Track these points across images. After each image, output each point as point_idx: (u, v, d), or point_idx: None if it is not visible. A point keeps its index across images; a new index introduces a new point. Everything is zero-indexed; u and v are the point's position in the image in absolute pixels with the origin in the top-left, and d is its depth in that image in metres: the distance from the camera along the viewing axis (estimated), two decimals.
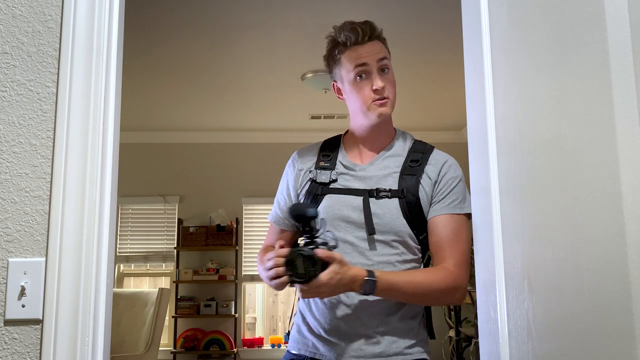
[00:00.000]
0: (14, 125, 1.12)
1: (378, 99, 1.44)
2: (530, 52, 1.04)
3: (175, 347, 5.61)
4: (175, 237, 5.84)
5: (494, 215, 1.17)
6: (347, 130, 1.59)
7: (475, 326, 4.54)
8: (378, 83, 1.43)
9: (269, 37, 3.64)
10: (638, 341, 0.75)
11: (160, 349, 4.78)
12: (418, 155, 1.49)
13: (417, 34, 3.63)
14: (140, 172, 5.94)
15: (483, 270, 1.22)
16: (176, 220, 5.92)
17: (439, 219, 1.44)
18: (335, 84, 1.55)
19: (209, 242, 5.72)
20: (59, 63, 1.14)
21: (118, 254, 5.91)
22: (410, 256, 1.45)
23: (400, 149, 1.52)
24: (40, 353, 1.06)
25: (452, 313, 5.12)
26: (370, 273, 1.31)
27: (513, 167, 1.11)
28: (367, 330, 1.39)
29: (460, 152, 5.73)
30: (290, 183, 1.56)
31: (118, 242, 5.96)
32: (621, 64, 0.81)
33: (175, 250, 5.84)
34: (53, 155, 1.11)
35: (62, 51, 1.13)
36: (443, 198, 1.45)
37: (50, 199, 1.10)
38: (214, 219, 5.86)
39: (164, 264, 6.02)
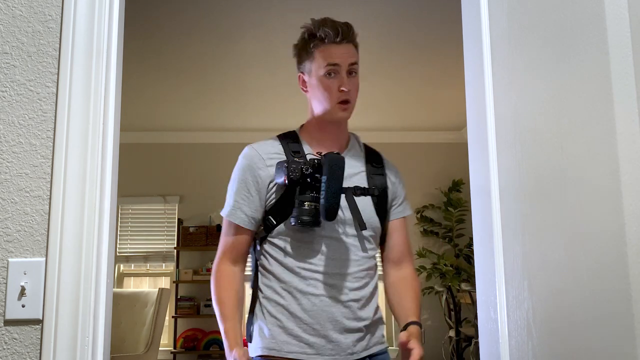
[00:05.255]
0: (14, 125, 1.12)
1: (342, 102, 1.47)
2: (530, 52, 1.04)
3: (175, 347, 5.61)
4: (175, 237, 5.84)
5: (494, 215, 1.17)
6: (302, 127, 1.59)
7: (475, 326, 4.54)
8: (346, 85, 1.46)
9: (269, 38, 3.64)
10: (638, 341, 0.75)
11: (160, 349, 4.77)
12: (376, 157, 1.60)
13: (417, 34, 3.63)
14: (140, 172, 5.94)
15: (483, 270, 1.22)
16: (176, 220, 5.92)
17: (401, 221, 1.60)
18: (301, 75, 1.55)
19: (209, 242, 5.72)
20: (59, 63, 1.14)
21: (118, 254, 5.91)
22: (377, 249, 1.57)
23: (358, 150, 1.59)
24: (40, 353, 1.06)
25: (452, 313, 5.13)
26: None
27: (513, 167, 1.11)
28: (359, 324, 1.44)
29: (460, 152, 5.75)
30: (261, 181, 1.48)
31: (118, 242, 5.96)
32: (621, 64, 0.81)
33: (175, 250, 5.84)
34: (53, 155, 1.11)
35: (62, 51, 1.13)
36: (402, 202, 1.60)
37: (50, 199, 1.10)
38: (214, 219, 5.86)
39: (164, 264, 6.02)
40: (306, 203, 1.39)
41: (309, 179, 1.40)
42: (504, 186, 1.15)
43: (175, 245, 5.81)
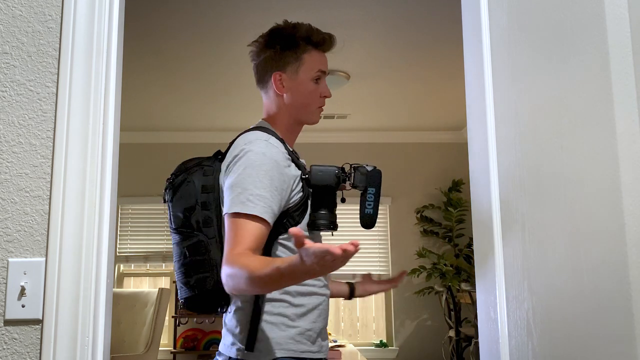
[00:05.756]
0: (14, 125, 1.12)
1: (321, 106, 1.56)
2: (530, 52, 1.04)
3: (175, 347, 5.61)
4: None
5: (494, 215, 1.17)
6: (274, 125, 1.54)
7: (475, 326, 4.54)
8: (330, 92, 1.55)
9: None
10: (638, 341, 0.75)
11: (160, 349, 4.77)
12: None
13: (416, 35, 3.63)
14: (140, 172, 5.94)
15: (483, 270, 1.22)
16: None
17: None
18: (281, 74, 1.51)
19: None
20: (59, 63, 1.14)
21: (118, 254, 5.91)
22: None
23: None
24: (40, 353, 1.06)
25: (452, 313, 5.13)
26: None
27: (513, 167, 1.11)
28: None
29: (460, 152, 5.72)
30: (287, 179, 1.39)
31: (118, 242, 5.96)
32: (621, 64, 0.81)
33: None
34: (53, 155, 1.11)
35: (62, 51, 1.13)
36: None
37: (50, 199, 1.10)
38: None
39: (164, 264, 6.02)
40: (335, 209, 1.46)
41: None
42: (504, 186, 1.15)
43: None
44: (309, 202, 1.45)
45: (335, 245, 0.99)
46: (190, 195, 1.45)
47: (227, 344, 1.41)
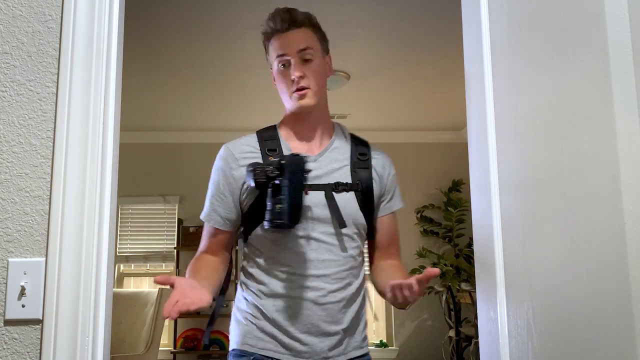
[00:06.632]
0: (14, 125, 1.12)
1: (297, 90, 1.42)
2: (530, 52, 1.04)
3: (175, 347, 5.61)
4: (175, 237, 5.83)
5: (494, 215, 1.17)
6: (281, 122, 1.54)
7: (475, 326, 4.54)
8: (294, 73, 1.41)
9: None
10: (638, 341, 0.75)
11: (160, 349, 4.77)
12: (364, 149, 1.53)
13: (417, 35, 3.63)
14: (140, 172, 5.94)
15: (483, 270, 1.22)
16: (176, 220, 5.92)
17: (390, 216, 1.55)
18: (271, 70, 1.53)
19: None
20: (59, 63, 1.14)
21: (118, 254, 5.91)
22: (362, 247, 1.50)
23: (343, 142, 1.52)
24: (40, 353, 1.06)
25: (452, 313, 5.13)
26: None
27: (513, 167, 1.11)
28: (337, 327, 1.40)
29: (460, 152, 5.71)
30: (234, 182, 1.45)
31: (118, 242, 5.96)
32: (621, 64, 0.81)
33: (175, 250, 5.84)
34: (53, 155, 1.11)
35: (62, 51, 1.13)
36: (392, 197, 1.54)
37: (50, 199, 1.10)
38: None
39: (164, 264, 6.02)
40: (277, 206, 1.33)
41: (277, 182, 1.34)
42: (504, 186, 1.15)
43: (175, 245, 5.81)
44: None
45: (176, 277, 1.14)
46: None
47: None
